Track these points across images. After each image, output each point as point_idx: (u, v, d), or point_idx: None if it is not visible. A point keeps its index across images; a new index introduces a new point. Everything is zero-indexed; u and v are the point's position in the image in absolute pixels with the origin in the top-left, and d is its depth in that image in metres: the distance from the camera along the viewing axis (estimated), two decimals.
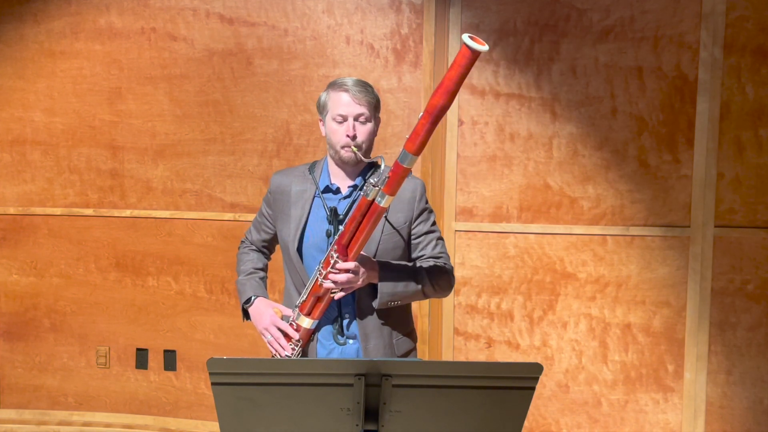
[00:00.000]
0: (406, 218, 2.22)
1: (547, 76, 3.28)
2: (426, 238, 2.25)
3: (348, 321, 2.21)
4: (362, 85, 2.18)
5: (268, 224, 2.38)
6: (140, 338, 3.65)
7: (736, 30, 3.17)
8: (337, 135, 2.16)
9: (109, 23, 3.52)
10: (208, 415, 3.62)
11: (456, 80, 1.84)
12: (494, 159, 3.33)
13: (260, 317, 2.24)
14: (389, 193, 1.96)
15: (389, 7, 3.34)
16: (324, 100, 2.20)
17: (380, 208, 1.98)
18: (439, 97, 1.87)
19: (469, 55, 1.82)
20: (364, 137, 2.15)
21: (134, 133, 3.56)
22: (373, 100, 2.17)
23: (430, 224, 2.27)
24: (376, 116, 2.20)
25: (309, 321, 2.14)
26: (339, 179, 2.23)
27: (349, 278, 2.05)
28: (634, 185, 3.27)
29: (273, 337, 2.19)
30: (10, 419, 3.73)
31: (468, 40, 1.80)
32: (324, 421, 1.63)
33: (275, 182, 2.32)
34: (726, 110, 3.19)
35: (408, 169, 1.94)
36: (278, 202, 2.30)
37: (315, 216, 2.22)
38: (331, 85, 2.21)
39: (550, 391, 3.40)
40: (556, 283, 3.34)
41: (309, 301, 2.13)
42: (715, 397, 3.30)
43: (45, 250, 3.67)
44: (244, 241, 2.47)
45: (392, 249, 2.21)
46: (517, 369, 1.65)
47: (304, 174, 2.28)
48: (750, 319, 3.26)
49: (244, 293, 2.33)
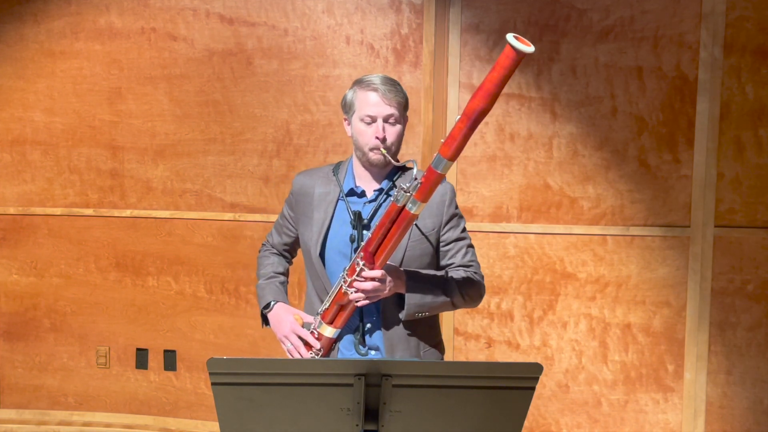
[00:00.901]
0: (434, 224, 2.12)
1: (547, 76, 3.28)
2: (456, 245, 2.15)
3: (370, 330, 2.11)
4: (391, 83, 2.07)
5: (290, 227, 2.29)
6: (140, 338, 3.65)
7: (736, 30, 3.17)
8: (365, 136, 2.05)
9: (109, 23, 3.52)
10: (208, 415, 3.62)
11: (498, 83, 1.73)
12: (494, 159, 3.33)
13: (280, 324, 2.16)
14: (421, 200, 1.86)
15: (389, 7, 3.34)
16: (351, 99, 2.09)
17: (411, 215, 1.89)
18: (479, 101, 1.76)
19: (513, 56, 1.69)
20: (394, 139, 2.05)
21: (134, 133, 3.56)
22: (402, 99, 2.07)
23: (460, 230, 2.16)
24: (405, 116, 2.10)
25: (331, 330, 2.05)
26: (364, 182, 2.13)
27: (375, 287, 1.95)
28: (634, 185, 3.27)
29: (293, 346, 2.10)
30: (10, 419, 3.73)
31: (513, 40, 1.68)
32: (324, 421, 1.63)
33: (298, 183, 2.23)
34: (726, 110, 3.19)
35: (442, 175, 1.84)
36: (300, 204, 2.20)
37: (338, 220, 2.12)
38: (358, 82, 2.10)
39: (550, 391, 3.40)
40: (556, 283, 3.34)
41: (332, 309, 2.04)
42: (715, 397, 3.30)
43: (45, 250, 3.67)
44: (264, 244, 2.39)
45: (419, 256, 2.11)
46: (517, 369, 1.65)
47: (328, 175, 2.18)
48: (750, 319, 3.26)
49: (263, 298, 2.24)
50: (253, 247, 3.50)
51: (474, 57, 3.31)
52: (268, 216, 3.47)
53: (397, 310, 2.07)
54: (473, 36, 3.31)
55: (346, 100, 2.11)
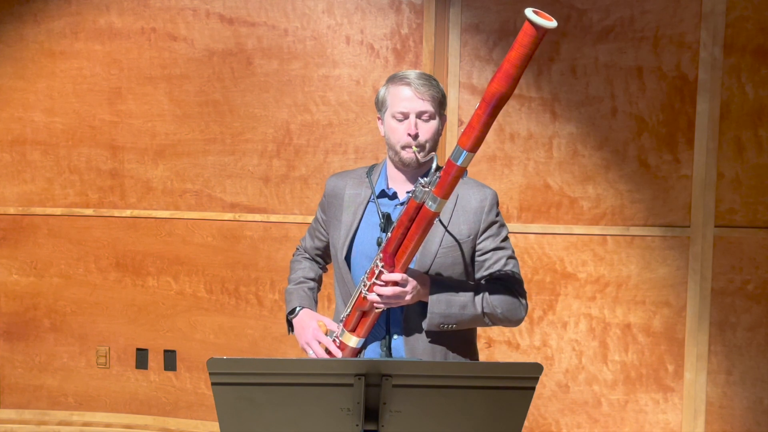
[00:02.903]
0: (470, 231, 1.96)
1: (547, 76, 3.28)
2: (494, 255, 1.97)
3: (397, 341, 1.97)
4: (426, 78, 1.93)
5: (321, 230, 2.18)
6: (140, 338, 3.65)
7: (736, 30, 3.17)
8: (396, 134, 1.93)
9: (109, 23, 3.52)
10: (208, 415, 3.62)
11: (517, 63, 1.55)
12: (494, 159, 3.33)
13: (302, 330, 2.05)
14: (441, 196, 1.73)
15: (389, 7, 3.34)
16: (383, 96, 1.97)
17: (431, 213, 1.74)
18: (498, 83, 1.59)
19: (533, 33, 1.52)
20: (428, 136, 1.91)
21: (134, 133, 3.56)
22: (438, 94, 1.93)
23: (500, 240, 1.98)
24: (442, 113, 1.95)
25: (355, 339, 1.92)
26: (397, 183, 2.01)
27: (396, 292, 1.82)
28: (634, 185, 3.27)
29: (315, 354, 1.98)
30: (10, 419, 3.73)
31: (532, 15, 1.52)
32: (324, 421, 1.63)
33: (330, 185, 2.12)
34: (726, 110, 3.19)
35: (463, 169, 1.70)
36: (332, 206, 2.10)
37: (367, 222, 2.00)
38: (391, 78, 1.98)
39: (550, 391, 3.39)
40: (556, 283, 3.34)
41: (353, 315, 1.91)
42: (715, 397, 3.30)
43: (45, 250, 3.67)
44: (298, 248, 2.30)
45: (451, 265, 1.95)
46: (517, 369, 1.65)
47: (361, 177, 2.07)
48: (750, 319, 3.26)
49: (289, 303, 2.14)
50: (253, 247, 3.50)
51: (474, 57, 3.31)
52: (268, 216, 3.47)
53: (420, 319, 1.94)
54: (473, 36, 3.31)
55: (378, 97, 2.00)
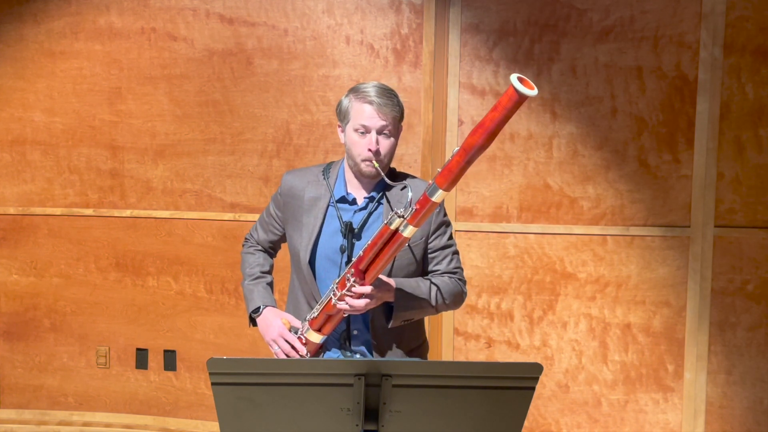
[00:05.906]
0: (423, 233, 2.15)
1: (547, 76, 3.28)
2: (442, 252, 2.19)
3: (357, 336, 2.16)
4: (388, 96, 2.08)
5: (276, 225, 2.31)
6: (140, 338, 3.65)
7: (736, 30, 3.17)
8: (358, 147, 2.07)
9: (109, 23, 3.52)
10: (208, 415, 3.62)
11: (498, 123, 1.76)
12: (494, 159, 3.33)
13: (268, 328, 2.19)
14: (414, 225, 1.90)
15: (389, 7, 3.34)
16: (346, 108, 2.11)
17: (403, 237, 1.92)
18: (478, 137, 1.79)
19: (515, 99, 1.71)
20: (386, 151, 2.08)
21: (134, 133, 3.56)
22: (398, 113, 2.09)
23: (446, 238, 2.20)
24: (399, 127, 2.13)
25: (318, 336, 2.11)
26: (355, 189, 2.16)
27: (366, 303, 2.00)
28: (634, 185, 3.27)
29: (281, 350, 2.15)
30: (10, 419, 3.73)
31: (516, 82, 1.70)
32: (324, 421, 1.63)
33: (287, 184, 2.23)
34: (726, 110, 3.19)
35: (436, 204, 1.88)
36: (289, 206, 2.22)
37: (329, 226, 2.15)
38: (354, 91, 2.10)
39: (550, 391, 3.40)
40: (556, 283, 3.34)
41: (320, 317, 2.08)
42: (715, 397, 3.30)
43: (45, 250, 3.67)
44: (248, 239, 2.40)
45: (407, 265, 2.15)
46: (517, 369, 1.65)
47: (318, 179, 2.19)
48: (750, 319, 3.26)
49: (252, 301, 2.27)
50: None
51: (474, 57, 3.31)
52: None
53: (383, 317, 2.12)
54: (473, 36, 3.31)
55: (341, 107, 2.12)
